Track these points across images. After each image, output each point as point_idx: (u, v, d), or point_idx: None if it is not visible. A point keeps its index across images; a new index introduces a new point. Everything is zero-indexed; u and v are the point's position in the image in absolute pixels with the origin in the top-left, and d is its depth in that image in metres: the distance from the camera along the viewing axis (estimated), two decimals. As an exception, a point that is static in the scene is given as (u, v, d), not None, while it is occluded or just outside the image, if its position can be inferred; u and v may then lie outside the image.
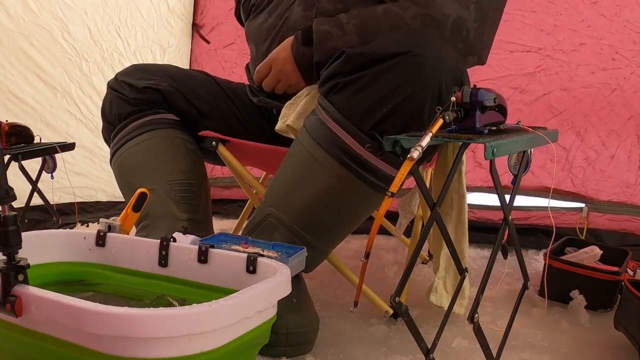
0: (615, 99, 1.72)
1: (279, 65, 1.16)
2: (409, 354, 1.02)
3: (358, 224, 1.11)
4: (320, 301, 1.28)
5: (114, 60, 2.06)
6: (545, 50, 1.78)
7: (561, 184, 1.80)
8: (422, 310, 1.24)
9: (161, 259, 0.92)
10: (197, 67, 2.32)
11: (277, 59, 1.16)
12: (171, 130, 1.27)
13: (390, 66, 0.95)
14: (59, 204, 1.81)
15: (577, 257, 1.42)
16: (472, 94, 0.80)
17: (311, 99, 1.11)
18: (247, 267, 0.86)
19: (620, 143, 1.73)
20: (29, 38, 1.79)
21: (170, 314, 0.63)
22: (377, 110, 0.96)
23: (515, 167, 0.93)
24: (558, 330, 1.18)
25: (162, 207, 1.18)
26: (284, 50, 1.15)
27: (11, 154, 1.31)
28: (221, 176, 2.26)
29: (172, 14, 2.24)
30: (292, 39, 1.14)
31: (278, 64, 1.16)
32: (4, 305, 0.66)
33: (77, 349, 0.65)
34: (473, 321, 0.82)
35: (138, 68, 1.33)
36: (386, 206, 0.70)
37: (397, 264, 1.61)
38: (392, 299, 0.73)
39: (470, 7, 1.08)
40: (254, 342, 0.77)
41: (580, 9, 1.73)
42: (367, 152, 0.98)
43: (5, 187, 0.66)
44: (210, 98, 1.34)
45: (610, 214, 1.74)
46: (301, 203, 1.04)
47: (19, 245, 0.67)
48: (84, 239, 0.98)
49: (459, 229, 1.09)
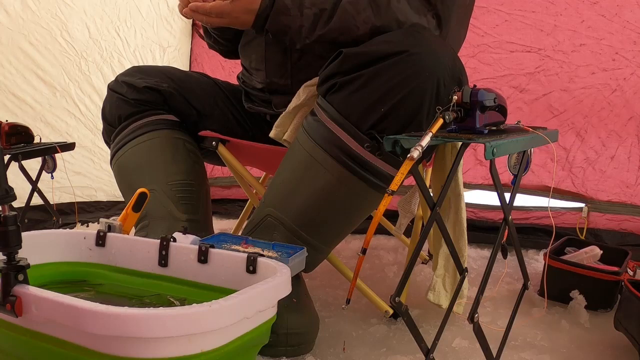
0: (616, 99, 1.72)
1: (237, 12, 1.08)
2: (409, 354, 1.02)
3: (358, 223, 1.11)
4: (320, 301, 1.28)
5: (114, 59, 2.06)
6: (545, 50, 1.78)
7: (561, 184, 1.80)
8: (422, 310, 1.24)
9: (161, 259, 0.92)
10: (197, 67, 2.32)
11: (243, 3, 1.07)
12: (171, 130, 1.27)
13: (388, 65, 0.95)
14: (59, 203, 1.82)
15: (577, 257, 1.42)
16: (472, 94, 0.80)
17: (308, 109, 1.11)
18: (247, 267, 0.86)
19: (621, 143, 1.73)
20: (28, 37, 1.79)
21: (170, 314, 0.63)
22: (376, 110, 0.96)
23: (515, 167, 0.93)
24: (558, 330, 1.18)
25: (162, 207, 1.18)
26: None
27: (11, 154, 1.32)
28: (221, 176, 2.26)
29: (172, 13, 2.24)
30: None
31: (237, 10, 1.07)
32: (4, 305, 0.66)
33: (77, 349, 0.65)
34: (473, 321, 0.82)
35: (138, 69, 1.33)
36: (386, 204, 0.70)
37: (397, 264, 1.61)
38: (392, 299, 0.73)
39: (427, 15, 1.07)
40: (254, 342, 0.77)
41: (580, 10, 1.73)
42: (367, 152, 0.98)
43: (5, 187, 0.66)
44: (210, 99, 1.34)
45: (611, 214, 1.74)
46: (301, 203, 1.04)
47: (19, 245, 0.67)
48: (84, 239, 0.98)
49: (456, 228, 1.09)
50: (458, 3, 1.10)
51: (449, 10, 1.08)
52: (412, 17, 1.05)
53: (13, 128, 1.37)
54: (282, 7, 1.06)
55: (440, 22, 1.08)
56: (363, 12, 1.04)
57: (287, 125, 1.15)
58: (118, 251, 0.96)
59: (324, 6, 1.06)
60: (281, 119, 1.16)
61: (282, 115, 1.16)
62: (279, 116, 1.17)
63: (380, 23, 1.04)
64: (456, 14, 1.11)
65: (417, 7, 1.06)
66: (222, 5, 1.07)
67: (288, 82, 1.22)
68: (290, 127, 1.15)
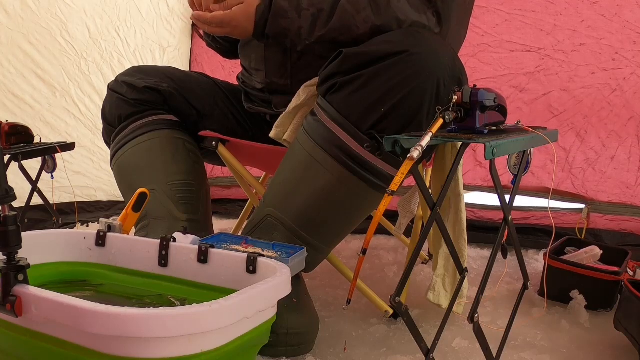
0: (616, 99, 1.72)
1: (236, 21, 1.08)
2: (409, 354, 1.02)
3: (358, 223, 1.11)
4: (320, 301, 1.28)
5: (114, 59, 2.06)
6: (545, 50, 1.78)
7: (561, 185, 1.80)
8: (422, 310, 1.24)
9: (161, 259, 0.92)
10: (197, 67, 2.32)
11: (241, 13, 1.07)
12: (171, 131, 1.27)
13: (388, 65, 0.95)
14: (59, 203, 1.81)
15: (577, 257, 1.42)
16: (472, 94, 0.80)
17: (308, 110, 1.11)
18: (247, 267, 0.86)
19: (621, 144, 1.73)
20: (27, 37, 1.79)
21: (170, 314, 0.63)
22: (376, 110, 0.96)
23: (515, 167, 0.93)
24: (558, 330, 1.18)
25: (162, 207, 1.18)
26: (249, 7, 1.07)
27: (11, 154, 1.31)
28: (221, 176, 2.26)
29: (172, 13, 2.24)
30: (259, 0, 1.07)
31: (236, 18, 1.08)
32: (4, 305, 0.66)
33: (77, 349, 0.65)
34: (473, 321, 0.82)
35: (138, 69, 1.33)
36: (386, 204, 0.70)
37: (397, 264, 1.61)
38: (392, 299, 0.73)
39: (427, 14, 1.06)
40: (254, 342, 0.77)
41: (580, 9, 1.73)
42: (367, 152, 0.98)
43: (5, 187, 0.66)
44: (210, 99, 1.34)
45: (611, 215, 1.74)
46: (301, 203, 1.04)
47: (19, 245, 0.67)
48: (84, 239, 0.98)
49: (456, 228, 1.09)
50: (457, 1, 1.10)
51: (449, 7, 1.08)
52: (412, 15, 1.05)
53: (13, 128, 1.37)
54: (280, 10, 1.06)
55: (440, 19, 1.08)
56: (363, 11, 1.04)
57: (287, 125, 1.15)
58: (118, 251, 0.96)
59: (322, 6, 1.06)
60: (281, 119, 1.16)
61: (282, 116, 1.16)
62: (279, 116, 1.17)
63: (381, 22, 1.04)
64: (456, 13, 1.11)
65: (416, 5, 1.06)
66: (222, 15, 1.07)
67: (288, 82, 1.22)
68: (290, 127, 1.15)
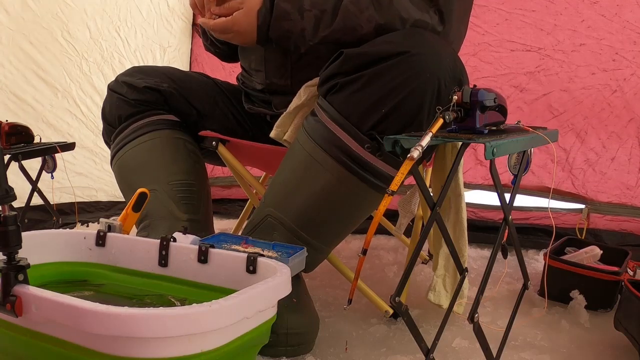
0: (616, 100, 1.72)
1: (238, 26, 1.08)
2: (409, 354, 1.02)
3: (358, 224, 1.11)
4: (320, 301, 1.28)
5: (114, 60, 2.06)
6: (545, 50, 1.78)
7: (561, 185, 1.80)
8: (422, 310, 1.24)
9: (161, 259, 0.92)
10: (197, 67, 2.33)
11: (242, 18, 1.08)
12: (171, 131, 1.27)
13: (389, 66, 0.95)
14: (59, 203, 1.81)
15: (577, 257, 1.42)
16: (472, 94, 0.80)
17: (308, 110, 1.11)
18: (247, 267, 0.86)
19: (621, 145, 1.73)
20: (28, 37, 1.79)
21: (170, 314, 0.63)
22: (377, 110, 0.96)
23: (515, 167, 0.93)
24: (558, 330, 1.18)
25: (163, 207, 1.18)
26: (250, 12, 1.07)
27: (11, 154, 1.32)
28: (221, 176, 2.26)
29: (172, 13, 2.24)
30: (260, 4, 1.07)
31: (238, 23, 1.08)
32: (4, 305, 0.66)
33: (77, 349, 0.65)
34: (473, 321, 0.82)
35: (138, 69, 1.33)
36: (386, 204, 0.70)
37: (397, 264, 1.61)
38: (392, 299, 0.73)
39: (429, 12, 1.07)
40: (253, 342, 0.77)
41: (580, 9, 1.73)
42: (367, 153, 0.98)
43: (5, 187, 0.66)
44: (210, 99, 1.34)
45: (611, 216, 1.74)
46: (301, 203, 1.04)
47: (19, 245, 0.67)
48: (84, 239, 0.98)
49: (457, 228, 1.09)
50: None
51: (450, 4, 1.08)
52: (415, 14, 1.05)
53: (13, 128, 1.37)
54: (282, 12, 1.06)
55: (443, 17, 1.08)
56: (366, 10, 1.04)
57: (288, 125, 1.15)
58: (118, 251, 0.96)
59: (324, 7, 1.05)
60: (282, 119, 1.16)
61: (283, 116, 1.16)
62: (280, 116, 1.17)
63: (384, 20, 1.04)
64: (457, 11, 1.11)
65: (418, 4, 1.06)
66: (223, 22, 1.08)
67: (288, 82, 1.22)
68: (290, 127, 1.15)
